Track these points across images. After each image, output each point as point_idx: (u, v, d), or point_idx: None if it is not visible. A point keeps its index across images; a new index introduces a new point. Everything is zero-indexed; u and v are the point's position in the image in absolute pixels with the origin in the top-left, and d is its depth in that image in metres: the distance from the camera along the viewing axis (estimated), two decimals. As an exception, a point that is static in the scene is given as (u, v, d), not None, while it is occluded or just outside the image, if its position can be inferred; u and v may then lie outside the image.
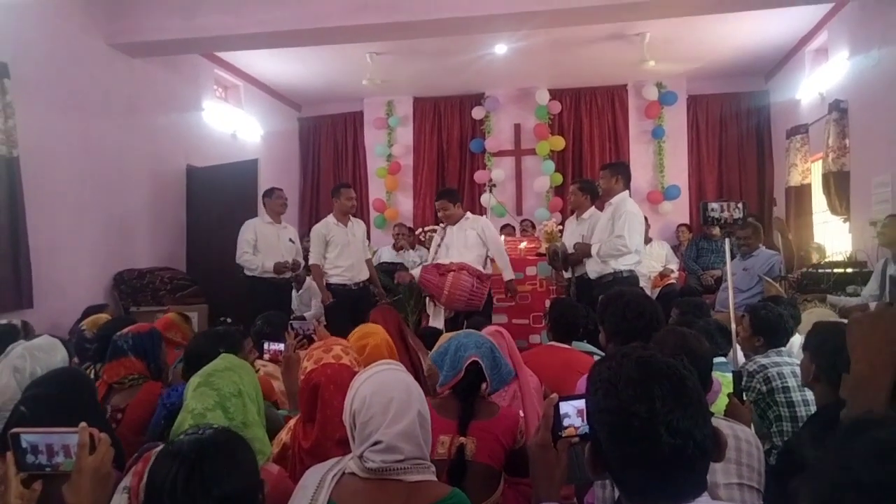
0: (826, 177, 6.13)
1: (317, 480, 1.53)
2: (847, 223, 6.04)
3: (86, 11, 5.39)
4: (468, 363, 2.08)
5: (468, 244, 4.99)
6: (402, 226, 8.12)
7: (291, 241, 5.76)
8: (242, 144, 7.88)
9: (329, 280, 5.32)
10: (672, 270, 7.09)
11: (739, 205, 2.61)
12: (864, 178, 5.65)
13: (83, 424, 1.33)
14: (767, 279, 4.90)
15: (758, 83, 8.49)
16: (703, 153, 8.71)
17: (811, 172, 6.87)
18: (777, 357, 2.84)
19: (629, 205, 4.61)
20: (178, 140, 6.65)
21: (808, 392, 2.53)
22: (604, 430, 1.02)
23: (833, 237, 6.53)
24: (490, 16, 5.26)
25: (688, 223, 8.25)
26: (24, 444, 1.33)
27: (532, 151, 8.78)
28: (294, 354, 2.71)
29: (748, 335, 3.03)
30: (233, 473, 1.23)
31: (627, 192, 4.75)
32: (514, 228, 7.91)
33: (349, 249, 5.35)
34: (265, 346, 3.26)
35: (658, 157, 8.64)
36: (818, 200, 6.71)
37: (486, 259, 5.08)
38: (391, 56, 7.32)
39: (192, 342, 2.68)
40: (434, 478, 1.52)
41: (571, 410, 1.25)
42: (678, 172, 8.63)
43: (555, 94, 8.64)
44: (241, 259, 5.40)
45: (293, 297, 6.21)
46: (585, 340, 3.40)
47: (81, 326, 3.99)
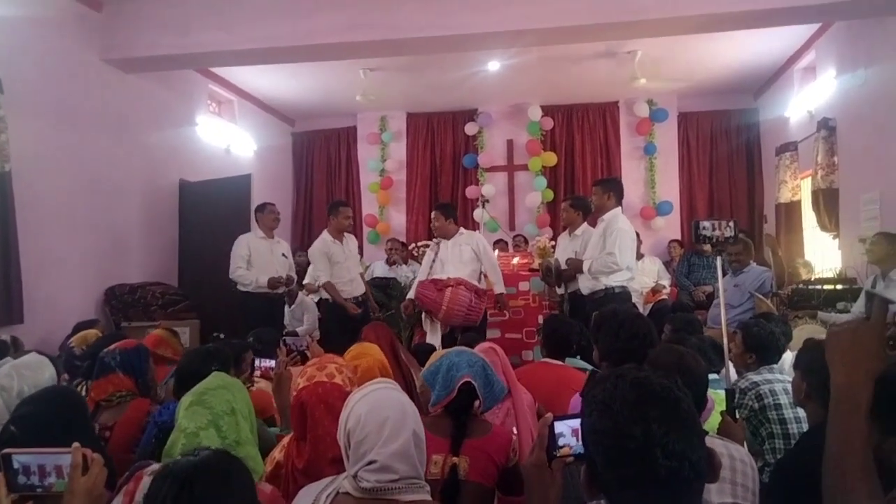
0: (815, 194, 6.19)
1: (310, 500, 1.52)
2: (836, 240, 6.10)
3: (80, 26, 5.40)
4: (461, 383, 2.08)
5: (464, 259, 5.00)
6: (395, 241, 8.13)
7: (284, 256, 5.75)
8: (236, 159, 7.89)
9: (327, 297, 5.31)
10: (664, 286, 7.12)
11: (731, 223, 2.63)
12: (853, 195, 5.71)
13: (76, 445, 1.32)
14: (758, 295, 4.93)
15: (747, 101, 8.60)
16: (694, 169, 8.79)
17: (801, 189, 6.94)
18: (769, 374, 2.86)
19: (620, 222, 4.64)
20: (172, 155, 6.64)
21: (801, 409, 2.53)
22: (599, 452, 1.02)
23: (823, 253, 6.58)
24: (483, 34, 5.30)
25: (679, 239, 8.30)
26: (16, 465, 1.32)
27: (524, 167, 8.83)
28: (285, 372, 2.69)
29: (740, 352, 3.04)
30: (226, 497, 1.22)
31: (620, 209, 4.78)
32: (507, 244, 7.93)
33: (347, 265, 5.37)
34: (256, 363, 3.25)
35: (649, 174, 8.71)
36: (808, 217, 6.77)
37: (481, 274, 5.09)
38: (385, 72, 7.36)
39: (184, 360, 2.66)
40: (429, 497, 1.51)
41: (566, 430, 1.26)
42: (669, 188, 8.71)
43: (547, 111, 8.71)
44: (235, 274, 5.38)
45: (286, 313, 6.19)
46: (579, 357, 3.40)
47: (70, 343, 3.96)
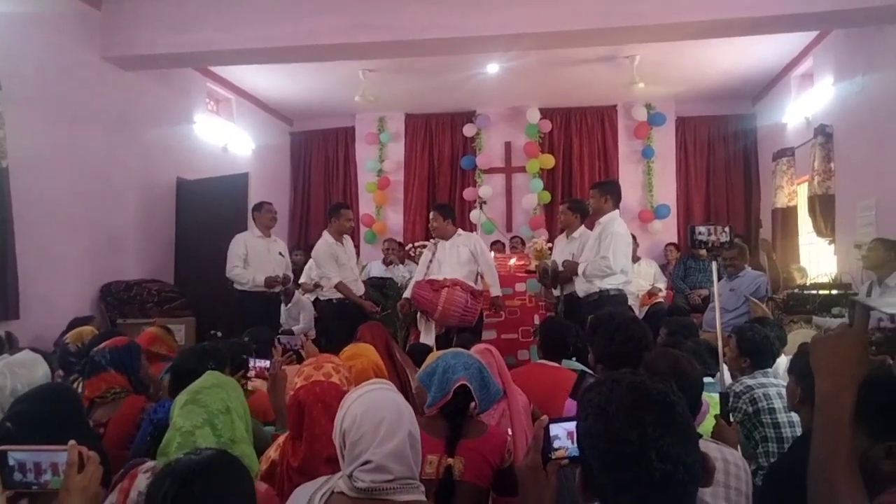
0: (812, 199, 6.22)
1: (305, 499, 1.52)
2: (832, 245, 6.12)
3: (79, 24, 5.40)
4: (456, 386, 2.08)
5: (461, 260, 5.00)
6: (392, 241, 8.13)
7: (281, 255, 5.75)
8: (233, 158, 7.88)
9: (332, 297, 5.31)
10: (660, 289, 7.14)
11: (726, 228, 2.64)
12: (849, 202, 5.74)
13: (72, 442, 1.33)
14: (753, 300, 4.95)
15: (745, 106, 8.63)
16: (692, 174, 8.83)
17: (797, 195, 6.97)
18: (763, 378, 2.87)
19: (616, 225, 4.63)
20: (169, 153, 6.63)
21: (794, 414, 2.55)
22: (595, 456, 1.02)
23: (818, 259, 6.61)
24: (482, 37, 5.31)
25: (676, 242, 8.32)
26: (12, 462, 1.32)
27: (522, 169, 8.85)
28: (280, 371, 2.68)
29: (735, 356, 3.05)
30: (226, 496, 1.23)
31: (617, 211, 4.78)
32: (504, 245, 7.94)
33: (348, 266, 5.38)
34: (251, 363, 3.20)
35: (647, 177, 8.74)
36: (804, 222, 6.79)
37: (477, 275, 5.09)
38: (384, 73, 7.37)
39: (180, 358, 2.65)
40: (423, 498, 1.52)
41: (561, 432, 1.26)
42: (667, 192, 8.74)
43: (545, 113, 8.73)
44: (232, 273, 5.38)
45: (282, 311, 6.19)
46: (575, 358, 3.41)
47: (65, 339, 3.95)
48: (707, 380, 2.84)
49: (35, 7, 4.90)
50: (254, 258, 5.44)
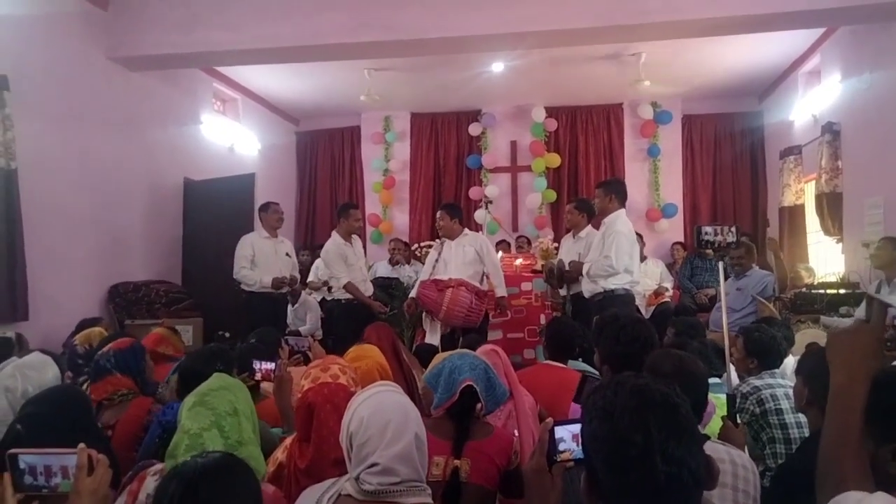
0: (819, 198, 6.18)
1: (313, 502, 1.53)
2: (840, 244, 6.08)
3: (86, 25, 5.42)
4: (462, 387, 2.09)
5: (466, 260, 5.00)
6: (399, 240, 8.11)
7: (288, 256, 5.76)
8: (240, 158, 7.90)
9: (340, 297, 5.32)
10: (667, 288, 7.10)
11: (732, 228, 2.63)
12: (857, 200, 5.70)
13: (81, 446, 1.34)
14: (761, 299, 4.92)
15: (752, 104, 8.59)
16: (698, 172, 8.79)
17: (804, 193, 6.93)
18: (770, 379, 2.86)
19: (619, 224, 4.59)
20: (176, 153, 6.66)
21: (802, 414, 2.54)
22: (599, 459, 1.02)
23: (826, 257, 6.57)
24: (488, 35, 5.31)
25: (682, 241, 8.28)
26: (22, 465, 1.33)
27: (528, 168, 8.83)
28: (286, 373, 2.68)
29: (742, 357, 3.04)
30: (232, 499, 1.24)
31: (623, 210, 4.73)
32: (510, 245, 7.93)
33: (358, 266, 5.39)
34: (256, 365, 3.16)
35: (653, 176, 8.71)
36: (811, 221, 6.76)
37: (483, 276, 5.09)
38: (389, 72, 7.37)
39: (188, 360, 2.66)
40: (430, 500, 1.52)
41: (567, 435, 1.26)
42: (673, 191, 8.70)
43: (551, 112, 8.72)
44: (239, 274, 5.39)
45: (288, 312, 6.20)
46: (581, 359, 3.41)
47: (74, 341, 3.97)
48: (714, 380, 2.83)
49: (42, 8, 4.93)
50: (261, 259, 5.45)
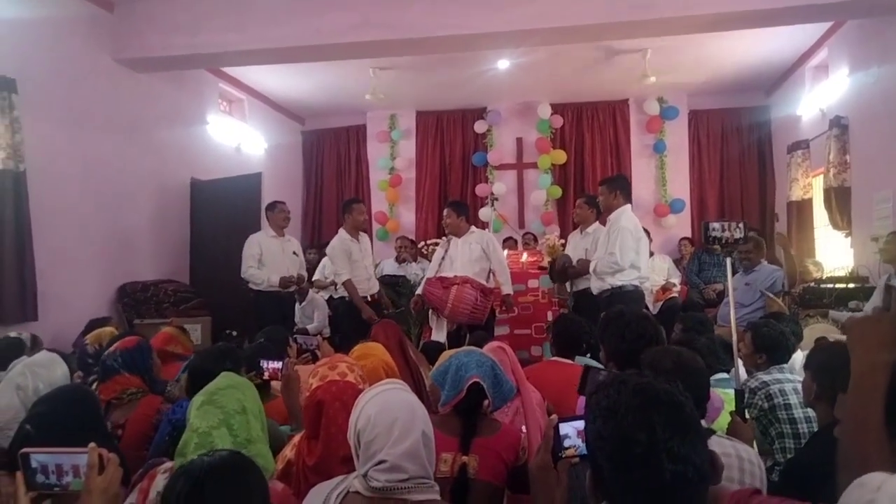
0: (827, 192, 6.15)
1: (321, 499, 1.54)
2: (849, 238, 6.05)
3: (92, 28, 5.45)
4: (469, 384, 2.09)
5: (472, 258, 5.00)
6: (405, 238, 8.13)
7: (295, 254, 5.78)
8: (246, 158, 7.93)
9: (346, 295, 5.31)
10: (674, 284, 7.08)
11: (740, 224, 2.61)
12: (866, 194, 5.67)
13: (92, 445, 1.35)
14: (770, 294, 4.90)
15: (759, 98, 8.54)
16: (705, 167, 8.76)
17: (812, 187, 6.90)
18: (779, 374, 2.85)
19: (623, 220, 4.55)
20: (183, 154, 6.69)
21: (810, 409, 2.53)
22: (604, 457, 1.03)
23: (834, 252, 6.54)
24: (493, 33, 5.30)
25: (690, 237, 8.26)
26: (34, 464, 1.35)
27: (534, 165, 8.82)
28: (293, 372, 2.69)
29: (750, 352, 3.03)
30: (238, 497, 1.25)
31: (629, 206, 4.71)
32: (517, 241, 7.93)
33: (364, 263, 5.37)
34: (263, 364, 3.17)
35: (660, 172, 8.68)
36: (820, 215, 6.73)
37: (489, 273, 5.09)
38: (394, 71, 7.38)
39: (197, 359, 2.68)
40: (438, 497, 1.53)
41: (571, 431, 1.27)
42: (680, 186, 8.67)
43: (557, 109, 8.70)
44: (247, 274, 5.42)
45: (296, 310, 6.23)
46: (588, 355, 3.40)
47: (84, 341, 4.00)
48: (722, 375, 2.83)
49: (48, 11, 4.96)
50: (268, 258, 5.48)
